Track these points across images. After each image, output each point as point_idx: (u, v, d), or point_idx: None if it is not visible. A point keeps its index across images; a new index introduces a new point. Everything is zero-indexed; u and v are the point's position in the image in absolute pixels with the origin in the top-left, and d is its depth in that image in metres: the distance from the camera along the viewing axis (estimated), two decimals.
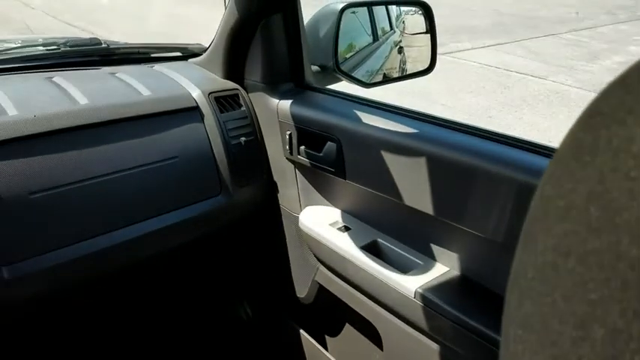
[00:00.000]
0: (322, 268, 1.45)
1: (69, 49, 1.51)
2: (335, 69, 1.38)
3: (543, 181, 0.26)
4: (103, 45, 1.54)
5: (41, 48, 1.52)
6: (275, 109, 1.42)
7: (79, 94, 1.30)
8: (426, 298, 1.10)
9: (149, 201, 1.31)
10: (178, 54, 1.67)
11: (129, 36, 6.17)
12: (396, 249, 1.24)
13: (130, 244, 1.29)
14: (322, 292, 1.48)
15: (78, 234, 1.21)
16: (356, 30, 1.51)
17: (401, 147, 1.13)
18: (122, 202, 1.27)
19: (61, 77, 1.37)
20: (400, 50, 1.61)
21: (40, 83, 1.34)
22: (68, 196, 1.19)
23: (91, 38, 1.55)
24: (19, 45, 1.52)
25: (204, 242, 1.56)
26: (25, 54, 1.48)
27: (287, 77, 1.44)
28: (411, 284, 1.13)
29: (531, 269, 0.25)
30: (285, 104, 1.39)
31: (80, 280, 1.28)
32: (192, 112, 1.40)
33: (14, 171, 1.13)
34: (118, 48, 1.59)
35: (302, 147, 1.38)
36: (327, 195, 1.41)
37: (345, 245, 1.28)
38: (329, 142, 1.30)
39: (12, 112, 1.19)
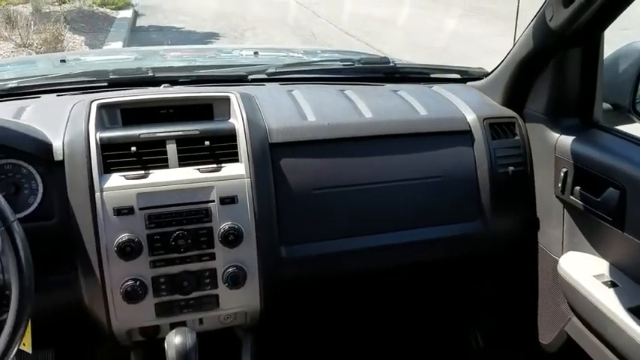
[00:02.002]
0: (575, 319, 1.34)
1: (361, 65, 1.67)
2: (630, 109, 1.27)
3: None
4: (391, 64, 1.67)
5: (339, 63, 1.73)
6: (553, 144, 1.36)
7: (366, 107, 1.44)
8: None
9: (408, 214, 1.39)
10: (457, 76, 1.71)
11: (401, 48, 6.49)
12: None
13: (385, 250, 1.39)
14: (570, 344, 1.38)
15: (344, 231, 1.35)
16: None
17: None
18: (385, 210, 1.37)
19: (351, 91, 1.53)
20: None
21: (334, 94, 1.52)
22: (342, 197, 1.34)
23: (381, 57, 1.70)
24: (320, 59, 1.74)
25: (451, 264, 1.58)
26: (325, 67, 1.70)
27: (572, 112, 1.36)
28: None
29: None
30: (566, 140, 1.32)
31: (340, 272, 1.42)
32: (464, 136, 1.43)
33: (306, 168, 1.32)
34: (403, 67, 1.71)
35: (577, 187, 1.29)
36: (596, 244, 1.30)
37: (610, 302, 1.17)
38: (610, 188, 1.19)
39: (311, 117, 1.38)
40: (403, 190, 1.37)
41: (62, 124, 1.25)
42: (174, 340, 1.13)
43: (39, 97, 1.43)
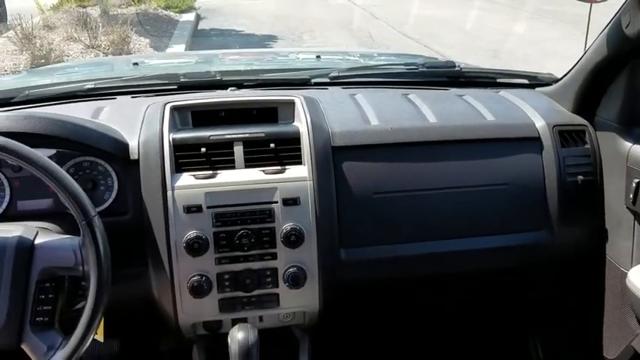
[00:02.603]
0: None
1: (425, 69, 1.66)
2: None
3: None
4: (457, 68, 1.65)
5: (402, 67, 1.72)
6: (625, 153, 1.31)
7: (430, 112, 1.43)
8: None
9: (471, 221, 1.37)
10: (525, 81, 1.67)
11: (460, 51, 6.39)
12: None
13: (446, 257, 1.38)
14: None
15: (405, 236, 1.35)
16: None
17: None
18: (448, 216, 1.36)
19: (415, 95, 1.53)
20: None
21: (397, 98, 1.52)
22: (404, 202, 1.34)
23: (447, 61, 1.68)
24: (382, 62, 1.74)
25: (515, 273, 1.55)
26: (388, 71, 1.70)
27: None
28: None
29: None
30: None
31: (399, 276, 1.42)
32: (532, 142, 1.40)
33: (368, 171, 1.33)
34: (468, 71, 1.68)
35: None
36: None
37: None
38: None
39: (374, 121, 1.38)
40: (467, 197, 1.36)
41: (137, 124, 1.31)
42: (237, 335, 1.16)
43: (115, 98, 1.51)
